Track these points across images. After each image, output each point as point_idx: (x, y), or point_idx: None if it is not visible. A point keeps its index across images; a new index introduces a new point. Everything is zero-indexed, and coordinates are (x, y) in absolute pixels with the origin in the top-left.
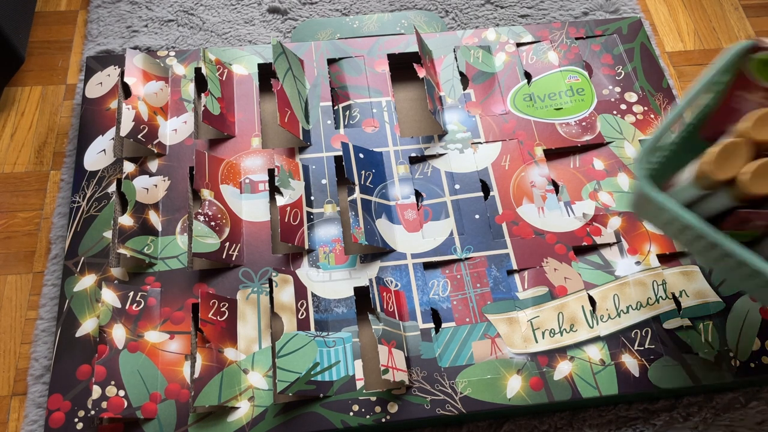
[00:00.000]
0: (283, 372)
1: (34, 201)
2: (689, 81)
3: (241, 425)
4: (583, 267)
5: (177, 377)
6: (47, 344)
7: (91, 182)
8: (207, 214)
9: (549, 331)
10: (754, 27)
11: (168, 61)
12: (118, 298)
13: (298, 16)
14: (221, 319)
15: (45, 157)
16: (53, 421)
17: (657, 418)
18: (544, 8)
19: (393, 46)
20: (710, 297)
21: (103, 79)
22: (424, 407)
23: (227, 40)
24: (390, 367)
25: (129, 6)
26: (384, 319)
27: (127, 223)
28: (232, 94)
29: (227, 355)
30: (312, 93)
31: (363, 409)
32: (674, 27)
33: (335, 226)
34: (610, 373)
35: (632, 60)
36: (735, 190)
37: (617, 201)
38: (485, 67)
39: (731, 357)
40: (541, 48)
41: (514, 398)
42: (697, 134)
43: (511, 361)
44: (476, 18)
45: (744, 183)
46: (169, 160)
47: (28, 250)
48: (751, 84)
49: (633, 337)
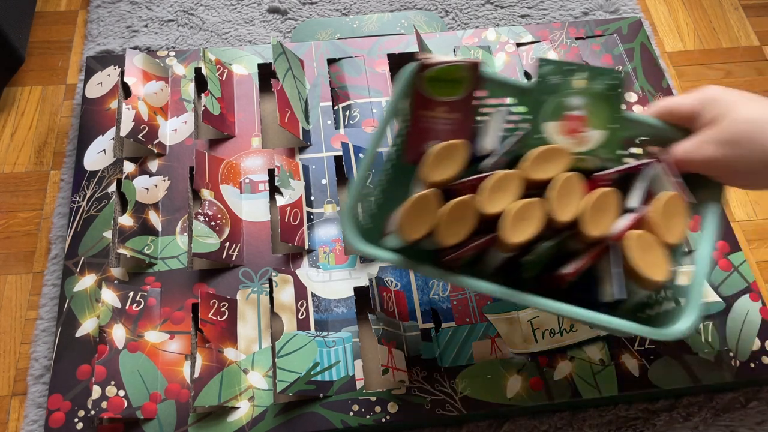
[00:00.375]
0: (283, 372)
1: (34, 201)
2: (689, 81)
3: (241, 425)
4: None
5: (177, 377)
6: (47, 344)
7: (91, 182)
8: (207, 214)
9: (549, 331)
10: (754, 27)
11: (168, 61)
12: (118, 298)
13: (298, 16)
14: (221, 319)
15: (45, 157)
16: (53, 421)
17: (657, 418)
18: (544, 8)
19: (393, 46)
20: (710, 297)
21: (103, 79)
22: (424, 407)
23: (227, 40)
24: (390, 367)
25: (129, 6)
26: (384, 319)
27: (127, 223)
28: (232, 94)
29: (227, 355)
30: (312, 93)
31: (363, 409)
32: (674, 27)
33: (335, 226)
34: (610, 373)
35: (632, 60)
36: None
37: None
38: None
39: (731, 357)
40: (541, 48)
41: (514, 398)
42: (401, 162)
43: (511, 361)
44: (476, 18)
45: (438, 232)
46: (169, 160)
47: (28, 250)
48: (431, 101)
49: (633, 337)
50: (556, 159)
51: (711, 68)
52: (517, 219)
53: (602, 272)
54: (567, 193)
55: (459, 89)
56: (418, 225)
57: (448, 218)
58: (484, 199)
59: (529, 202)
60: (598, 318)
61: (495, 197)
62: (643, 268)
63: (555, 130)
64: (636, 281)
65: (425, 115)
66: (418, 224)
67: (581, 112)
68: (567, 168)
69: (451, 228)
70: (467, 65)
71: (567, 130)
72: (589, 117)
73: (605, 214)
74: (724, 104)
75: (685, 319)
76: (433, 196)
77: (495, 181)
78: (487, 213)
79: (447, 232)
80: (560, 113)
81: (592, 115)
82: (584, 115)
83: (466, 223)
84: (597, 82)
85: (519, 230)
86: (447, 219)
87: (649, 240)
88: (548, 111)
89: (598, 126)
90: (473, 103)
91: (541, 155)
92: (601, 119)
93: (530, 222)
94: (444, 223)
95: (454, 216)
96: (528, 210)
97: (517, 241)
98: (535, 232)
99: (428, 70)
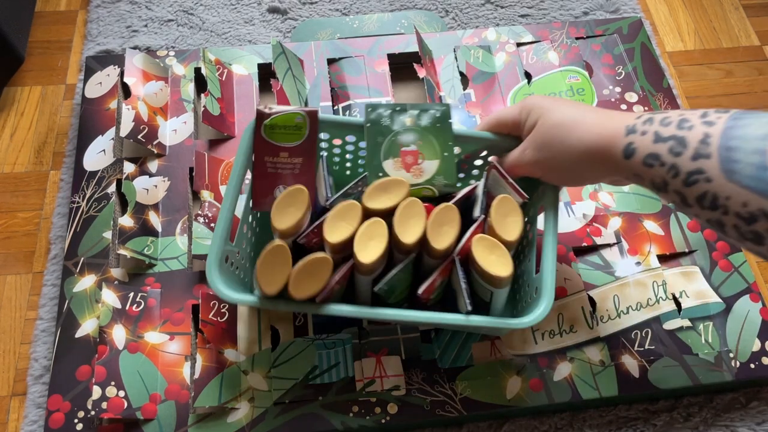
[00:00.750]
0: (279, 381)
1: (33, 201)
2: (690, 81)
3: (241, 426)
4: (583, 268)
5: (177, 378)
6: (47, 344)
7: (91, 182)
8: (207, 215)
9: (549, 332)
10: (754, 27)
11: (168, 61)
12: (118, 298)
13: (298, 15)
14: (221, 320)
15: (45, 157)
16: (53, 422)
17: (657, 419)
18: (544, 8)
19: (393, 46)
20: (710, 298)
21: (102, 79)
22: (424, 408)
23: (227, 39)
24: (377, 377)
25: (129, 6)
26: (372, 331)
27: (127, 224)
28: (232, 94)
29: (227, 356)
30: (312, 93)
31: (363, 410)
32: (674, 27)
33: None
34: (610, 374)
35: (632, 60)
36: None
37: (617, 201)
38: (485, 67)
39: (731, 358)
40: (542, 48)
41: (514, 399)
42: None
43: (510, 362)
44: (476, 18)
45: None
46: (168, 160)
47: (28, 250)
48: (274, 147)
49: (633, 337)
50: (395, 190)
51: (711, 68)
52: (365, 238)
53: (456, 286)
54: (409, 217)
55: (299, 135)
56: (274, 279)
57: (299, 275)
58: (327, 229)
59: (374, 222)
60: (454, 319)
61: (338, 226)
62: (488, 268)
63: (393, 166)
64: (487, 280)
65: (269, 160)
66: (274, 278)
67: (414, 146)
68: (405, 197)
69: (303, 283)
70: (304, 113)
71: (404, 165)
72: (422, 150)
73: (447, 227)
74: (539, 111)
75: (537, 309)
76: (281, 250)
77: (336, 212)
78: (331, 242)
79: (299, 288)
80: (396, 150)
81: (425, 148)
82: (417, 149)
83: (320, 275)
84: (425, 117)
85: (370, 249)
86: (297, 276)
87: (490, 242)
88: (385, 150)
89: (432, 156)
90: (314, 147)
91: (379, 186)
92: (434, 150)
93: (378, 240)
94: (294, 280)
95: (305, 272)
96: (374, 229)
97: (369, 261)
98: (383, 249)
99: (268, 118)
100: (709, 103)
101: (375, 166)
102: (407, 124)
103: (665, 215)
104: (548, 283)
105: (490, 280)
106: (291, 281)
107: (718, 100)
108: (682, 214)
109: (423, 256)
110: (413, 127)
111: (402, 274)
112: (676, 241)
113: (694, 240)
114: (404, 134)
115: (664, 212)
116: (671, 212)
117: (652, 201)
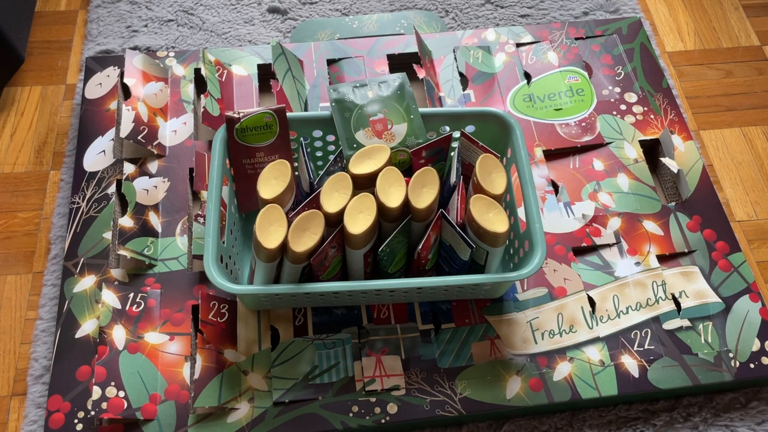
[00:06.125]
0: (279, 380)
1: (33, 201)
2: (689, 81)
3: (240, 426)
4: (583, 268)
5: (177, 378)
6: (47, 344)
7: (91, 183)
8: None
9: (548, 332)
10: (754, 27)
11: (168, 61)
12: (118, 299)
13: (298, 16)
14: (221, 321)
15: (45, 157)
16: (53, 422)
17: (657, 419)
18: (544, 8)
19: (393, 47)
20: (710, 298)
21: (102, 80)
22: (424, 408)
23: (227, 39)
24: (376, 377)
25: (129, 6)
26: (372, 330)
27: (127, 225)
28: (232, 94)
29: (227, 357)
30: (311, 93)
31: (362, 410)
32: (674, 27)
33: None
34: (609, 373)
35: (632, 60)
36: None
37: (617, 202)
38: (485, 68)
39: (731, 357)
40: (541, 48)
41: (514, 399)
42: (240, 213)
43: (510, 362)
44: (476, 18)
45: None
46: (168, 161)
47: (28, 250)
48: (248, 149)
49: (633, 337)
50: (377, 155)
51: (711, 68)
52: (354, 211)
53: (450, 238)
54: (389, 184)
55: (271, 133)
56: (272, 236)
57: (295, 229)
58: (324, 200)
59: (362, 195)
60: (453, 280)
61: (333, 196)
62: (487, 225)
63: (365, 136)
64: (485, 239)
65: (247, 162)
66: (272, 236)
67: (381, 114)
68: (388, 161)
69: (300, 238)
70: (272, 111)
71: (375, 132)
72: (389, 117)
73: (428, 188)
74: None
75: (532, 260)
76: (276, 210)
77: (329, 184)
78: (328, 212)
79: (297, 241)
80: (365, 121)
81: (391, 115)
82: (384, 117)
83: (315, 229)
84: (384, 88)
85: (360, 221)
86: (294, 230)
87: (486, 200)
88: (354, 122)
89: (400, 120)
90: (288, 142)
91: (362, 154)
92: (401, 114)
93: (367, 213)
94: (292, 234)
95: (301, 227)
96: (362, 202)
97: (360, 231)
98: (373, 221)
99: (238, 122)
100: (709, 103)
101: (348, 139)
102: (370, 96)
103: (665, 215)
104: (538, 234)
105: (489, 239)
106: (289, 235)
107: (717, 101)
108: (682, 214)
109: (411, 224)
110: (375, 98)
111: (400, 236)
112: (675, 242)
113: (693, 240)
114: (369, 106)
115: (664, 212)
116: (671, 212)
117: (652, 201)
